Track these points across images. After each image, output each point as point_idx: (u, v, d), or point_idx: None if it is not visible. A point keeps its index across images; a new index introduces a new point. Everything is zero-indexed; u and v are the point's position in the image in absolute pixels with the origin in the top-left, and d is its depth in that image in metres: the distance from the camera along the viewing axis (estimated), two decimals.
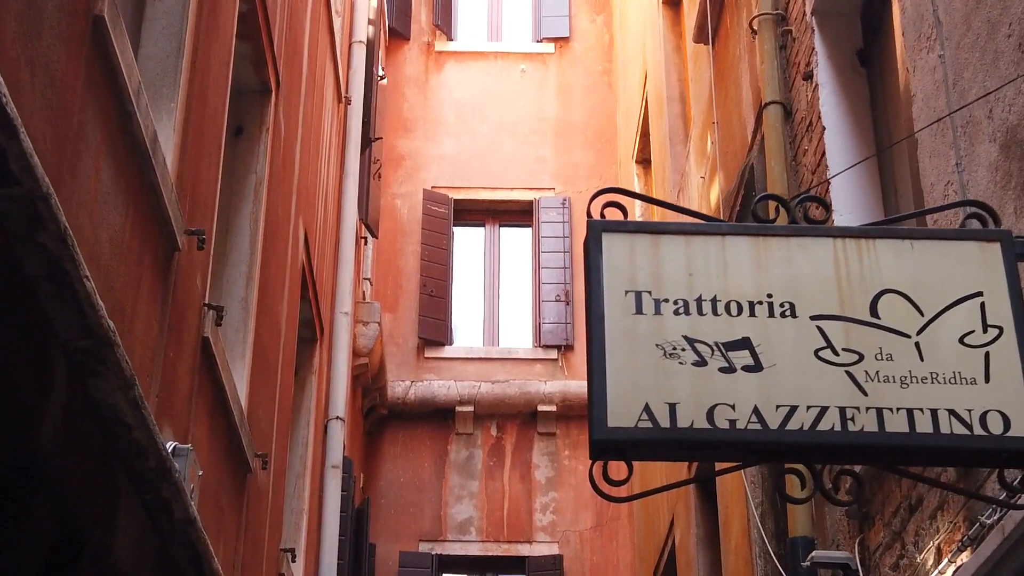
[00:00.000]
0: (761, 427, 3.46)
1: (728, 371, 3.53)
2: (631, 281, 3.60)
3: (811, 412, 3.49)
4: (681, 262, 3.64)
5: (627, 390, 3.44)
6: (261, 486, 7.71)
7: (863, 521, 6.04)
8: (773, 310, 3.62)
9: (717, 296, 3.63)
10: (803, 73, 7.09)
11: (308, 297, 9.83)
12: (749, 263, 3.66)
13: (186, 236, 5.52)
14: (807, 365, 3.56)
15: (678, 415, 3.43)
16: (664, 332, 3.56)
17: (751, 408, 3.48)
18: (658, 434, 3.42)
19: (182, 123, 5.54)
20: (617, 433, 3.40)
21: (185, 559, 5.22)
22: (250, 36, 7.53)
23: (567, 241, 15.87)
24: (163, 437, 4.80)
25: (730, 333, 3.58)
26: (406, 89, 16.76)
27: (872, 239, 3.73)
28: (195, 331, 5.87)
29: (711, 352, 3.54)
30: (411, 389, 14.99)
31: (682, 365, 3.52)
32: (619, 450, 3.44)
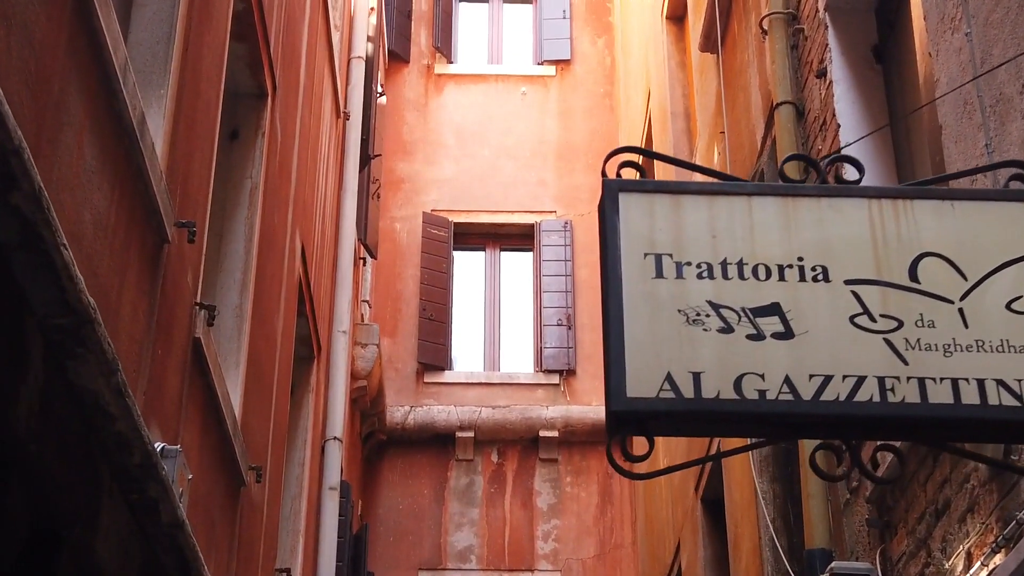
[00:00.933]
0: (793, 398, 3.20)
1: (756, 338, 3.27)
2: (650, 243, 3.36)
3: (847, 382, 3.23)
4: (704, 224, 3.39)
5: (647, 358, 3.19)
6: (255, 501, 7.43)
7: (884, 530, 5.77)
8: (804, 274, 3.37)
9: (743, 259, 3.38)
10: (816, 71, 6.87)
11: (305, 313, 9.58)
12: (777, 225, 3.42)
13: (176, 228, 5.28)
14: (842, 332, 3.31)
15: (703, 385, 3.18)
16: (687, 297, 3.31)
17: (782, 378, 3.22)
18: (681, 405, 3.16)
19: (173, 111, 5.31)
20: (637, 404, 3.15)
21: (173, 566, 4.95)
22: (246, 37, 7.31)
23: (569, 264, 15.63)
24: (151, 436, 4.54)
25: (758, 298, 3.33)
26: (406, 112, 16.56)
27: (910, 200, 3.49)
28: (186, 330, 5.61)
29: (738, 318, 3.29)
30: (410, 414, 14.71)
31: (706, 332, 3.27)
32: (639, 423, 3.18)
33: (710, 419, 3.25)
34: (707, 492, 10.14)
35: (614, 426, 3.20)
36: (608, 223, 3.38)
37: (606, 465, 14.79)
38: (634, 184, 3.48)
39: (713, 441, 8.07)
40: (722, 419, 3.25)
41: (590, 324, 15.33)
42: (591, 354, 15.18)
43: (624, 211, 3.38)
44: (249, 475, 7.03)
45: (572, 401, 14.97)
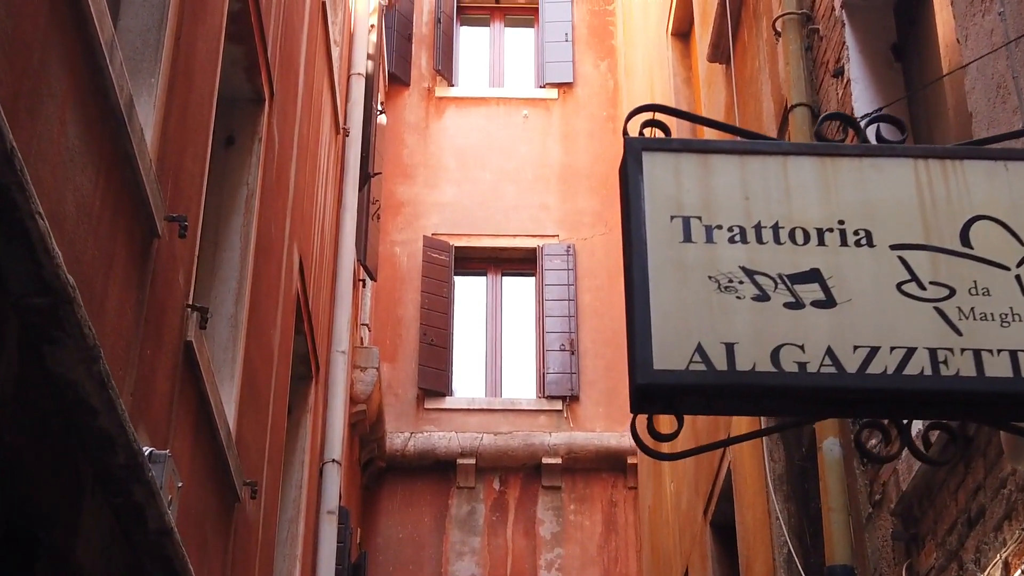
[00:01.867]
0: (836, 370, 2.93)
1: (795, 307, 3.01)
2: (677, 205, 3.10)
3: (896, 354, 2.96)
4: (736, 185, 3.13)
5: (676, 328, 2.92)
6: (250, 519, 7.15)
7: (911, 543, 5.48)
8: (846, 238, 3.11)
9: (779, 222, 3.12)
10: (832, 71, 6.63)
11: (303, 331, 9.31)
12: (816, 186, 3.15)
13: (167, 223, 5.02)
14: (889, 301, 3.04)
15: (737, 357, 2.91)
16: (718, 262, 3.05)
17: (823, 349, 2.95)
18: (713, 378, 2.89)
19: (164, 102, 5.06)
20: (665, 377, 2.88)
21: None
22: (242, 39, 7.08)
23: (572, 289, 15.37)
24: (139, 439, 4.26)
25: (796, 264, 3.06)
26: (406, 135, 16.33)
27: (959, 160, 3.22)
28: (177, 332, 5.35)
29: (774, 285, 3.03)
30: (410, 441, 14.41)
31: (740, 300, 3.00)
32: (667, 398, 2.91)
33: (745, 394, 2.97)
34: (716, 516, 9.85)
35: (639, 401, 2.93)
36: (631, 184, 3.12)
37: (611, 493, 14.49)
38: (658, 143, 3.21)
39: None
40: (758, 394, 2.97)
41: (593, 349, 15.07)
42: (594, 380, 14.92)
43: (648, 171, 3.12)
44: (244, 491, 6.75)
45: (575, 427, 14.68)
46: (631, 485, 14.44)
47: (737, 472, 8.86)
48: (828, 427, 6.19)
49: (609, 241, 15.64)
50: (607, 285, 15.42)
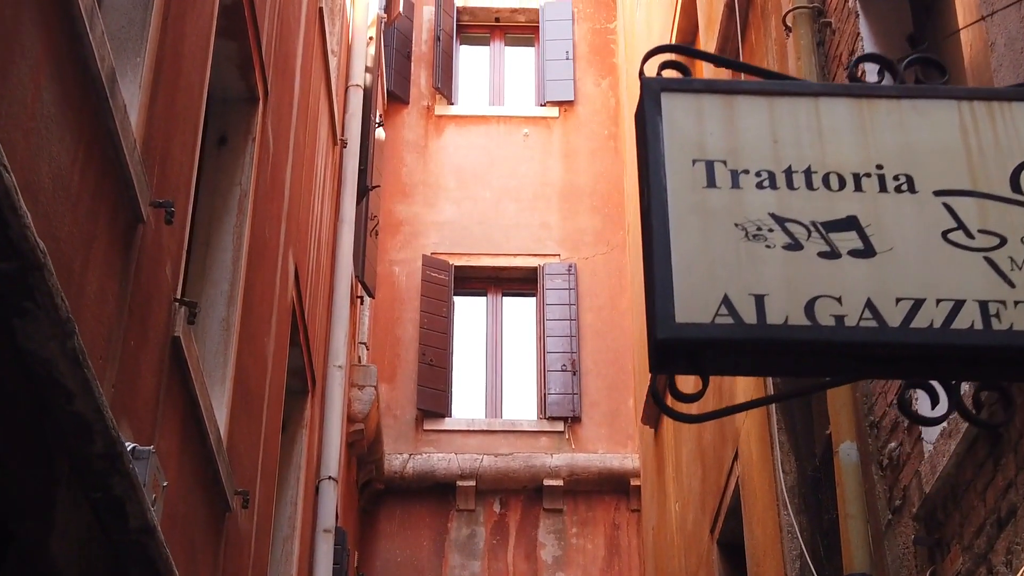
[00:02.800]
0: (877, 324, 2.68)
1: (830, 256, 2.76)
2: (700, 149, 2.85)
3: (943, 307, 2.71)
4: (764, 127, 2.88)
5: (700, 278, 2.67)
6: (243, 531, 6.87)
7: (935, 549, 5.21)
8: (885, 184, 2.86)
9: (812, 167, 2.87)
10: (846, 64, 6.40)
11: (299, 342, 9.05)
12: (851, 129, 2.91)
13: (152, 209, 4.78)
14: (934, 250, 2.79)
15: (767, 309, 2.66)
16: (745, 209, 2.80)
17: (863, 301, 2.70)
18: (742, 332, 2.64)
19: (150, 82, 4.83)
20: (688, 331, 2.62)
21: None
22: (235, 35, 6.86)
23: (573, 309, 15.11)
24: (120, 432, 4.00)
25: (831, 211, 2.81)
26: (405, 153, 16.11)
27: (1007, 102, 2.98)
28: (163, 326, 5.10)
29: (807, 233, 2.78)
30: (409, 462, 14.12)
31: (770, 249, 2.75)
32: (691, 354, 2.66)
33: (777, 349, 2.71)
34: (724, 535, 9.56)
35: (660, 359, 2.67)
36: (649, 126, 2.87)
37: (613, 515, 14.20)
38: (679, 83, 2.96)
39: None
40: (791, 349, 2.71)
41: (595, 370, 14.81)
42: (597, 400, 14.65)
43: (668, 113, 2.87)
44: (235, 500, 6.48)
45: (577, 449, 14.39)
46: (634, 507, 14.15)
47: (746, 486, 8.59)
48: (844, 431, 5.94)
49: (611, 260, 15.41)
50: (609, 305, 15.18)
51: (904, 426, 5.50)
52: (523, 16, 17.30)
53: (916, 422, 3.02)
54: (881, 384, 5.83)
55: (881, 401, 5.83)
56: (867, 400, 6.01)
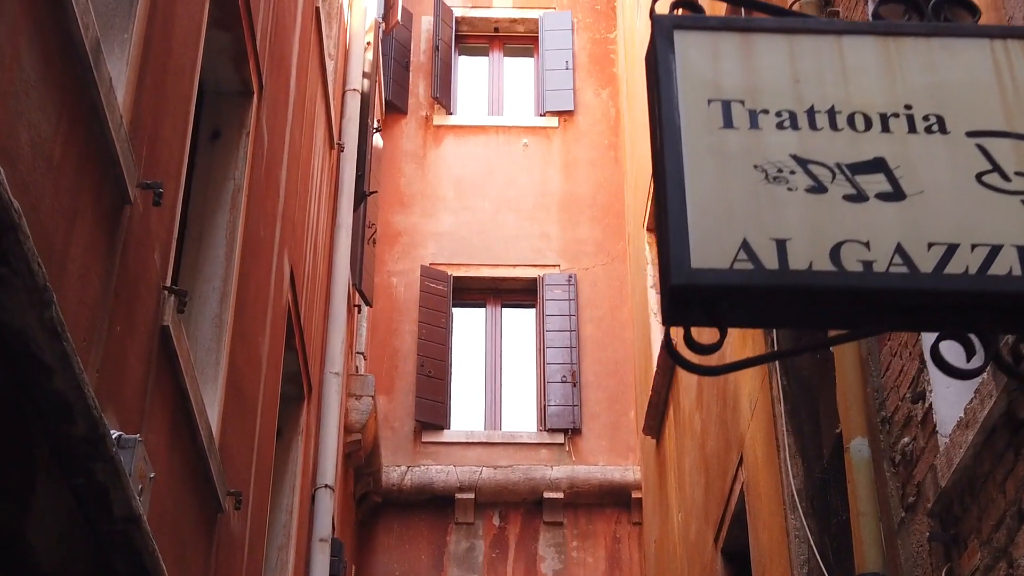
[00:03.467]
0: (908, 270, 2.51)
1: (857, 199, 2.58)
2: (716, 88, 2.68)
3: (978, 252, 2.54)
4: (784, 67, 2.71)
5: (717, 222, 2.50)
6: (235, 534, 6.68)
7: (950, 545, 5.02)
8: (914, 124, 2.69)
9: (836, 107, 2.70)
10: None
11: (295, 347, 8.87)
12: (877, 68, 2.74)
13: (140, 191, 4.61)
14: (967, 193, 2.62)
15: (790, 254, 2.48)
16: (765, 150, 2.62)
17: (893, 246, 2.53)
18: (762, 278, 2.46)
19: (139, 60, 4.66)
20: (705, 277, 2.45)
21: (128, 574, 4.20)
22: (229, 26, 6.70)
23: (573, 320, 14.93)
24: (105, 418, 3.82)
25: (857, 152, 2.64)
26: (403, 164, 15.95)
27: None
28: (151, 315, 4.92)
29: (831, 176, 2.61)
30: (407, 475, 13.92)
31: (792, 192, 2.58)
32: (707, 302, 2.48)
33: (800, 296, 2.53)
34: (728, 543, 9.37)
35: (674, 307, 2.49)
36: (661, 65, 2.69)
37: (614, 528, 14.00)
38: (693, 20, 2.79)
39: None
40: (816, 296, 2.54)
41: (596, 381, 14.63)
42: (597, 412, 14.46)
43: (681, 51, 2.70)
44: (228, 501, 6.30)
45: (578, 461, 14.19)
46: (636, 521, 13.95)
47: (751, 491, 8.40)
48: (855, 426, 5.77)
49: (611, 271, 15.25)
50: (610, 316, 15.01)
51: (918, 420, 5.32)
52: (522, 26, 17.17)
53: (951, 375, 2.83)
54: (893, 378, 5.65)
55: (893, 396, 5.66)
56: (878, 395, 5.83)
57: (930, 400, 5.21)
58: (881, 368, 5.80)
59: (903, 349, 5.51)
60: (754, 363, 2.87)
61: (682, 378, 11.18)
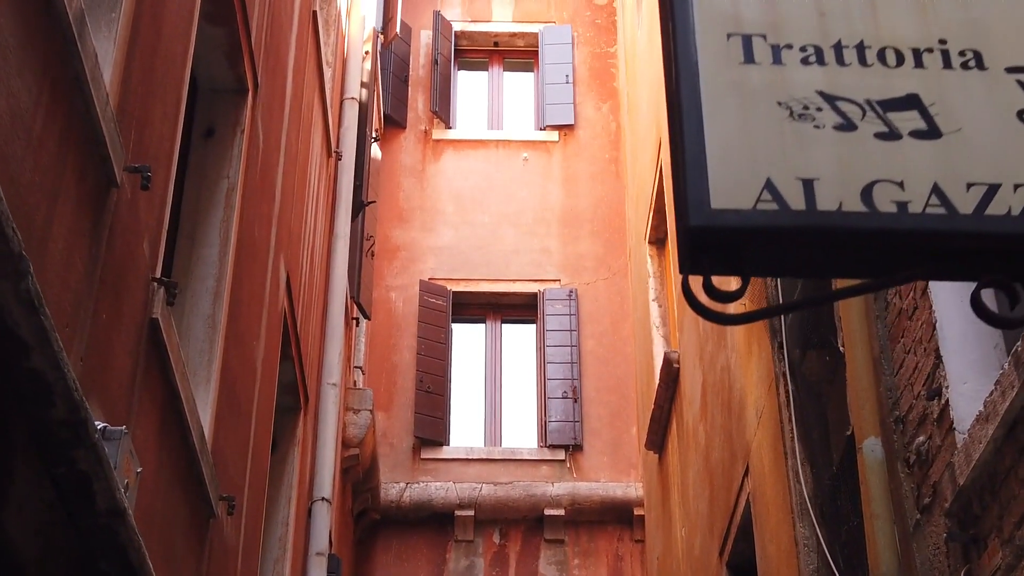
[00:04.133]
0: (946, 211, 2.33)
1: (889, 137, 2.41)
2: (735, 21, 2.50)
3: (1021, 193, 2.36)
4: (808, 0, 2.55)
5: (738, 161, 2.32)
6: (228, 542, 6.49)
7: (969, 545, 4.83)
8: (950, 60, 2.52)
9: (865, 41, 2.52)
10: None
11: (291, 355, 8.69)
12: (907, 1, 2.57)
13: (127, 175, 4.43)
14: (1008, 131, 2.44)
15: (818, 194, 2.31)
16: (789, 86, 2.45)
17: (928, 186, 2.35)
18: (789, 219, 2.29)
19: (127, 41, 4.49)
20: (726, 218, 2.27)
21: (113, 571, 4.01)
22: (223, 20, 6.55)
23: (574, 335, 14.74)
24: (91, 413, 3.63)
25: (888, 89, 2.47)
26: (402, 178, 15.79)
27: None
28: (140, 306, 4.74)
29: (861, 113, 2.43)
30: (406, 492, 13.71)
31: (819, 130, 2.40)
32: (728, 247, 2.30)
33: (829, 239, 2.35)
34: (733, 557, 9.17)
35: (692, 252, 2.31)
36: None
37: (616, 546, 13.79)
38: None
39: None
40: (846, 239, 2.35)
41: (597, 397, 14.43)
42: (598, 428, 14.27)
43: None
44: (220, 506, 6.11)
45: (579, 478, 13.98)
46: (638, 538, 13.74)
47: (758, 501, 8.21)
48: (868, 426, 5.59)
49: (612, 286, 15.08)
50: (611, 331, 14.83)
51: (933, 417, 5.14)
52: (522, 40, 17.04)
53: (994, 324, 2.64)
54: (907, 376, 5.47)
55: (907, 394, 5.47)
56: (891, 394, 5.65)
57: (946, 396, 5.03)
58: (894, 366, 5.62)
59: (917, 345, 5.33)
60: (780, 311, 2.69)
61: (685, 390, 11.00)
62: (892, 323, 5.65)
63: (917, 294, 5.31)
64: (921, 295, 5.27)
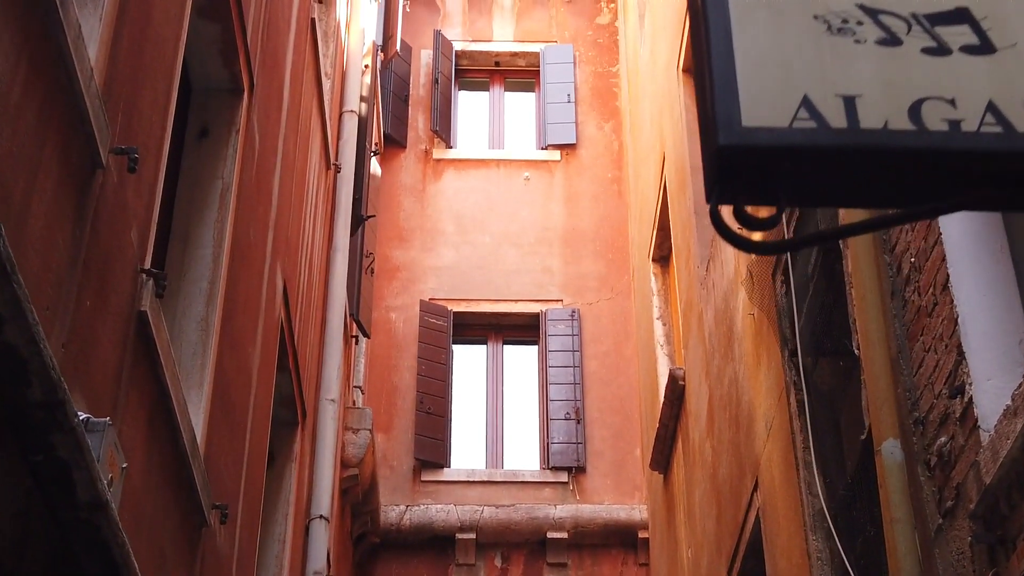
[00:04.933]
0: (1003, 130, 2.12)
1: (938, 53, 2.20)
2: None
3: None
4: None
5: (771, 77, 2.11)
6: (222, 551, 6.26)
7: (996, 547, 4.61)
8: None
9: None
10: None
11: (288, 367, 8.47)
12: None
13: (113, 157, 4.23)
14: None
15: (860, 112, 2.10)
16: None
17: (983, 104, 2.14)
18: (828, 137, 2.07)
19: (114, 19, 4.30)
20: (759, 136, 2.05)
21: (95, 573, 3.78)
22: (217, 16, 6.37)
23: (577, 355, 14.52)
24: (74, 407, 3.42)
25: (935, 2, 2.26)
26: (402, 198, 15.60)
27: None
28: (127, 297, 4.53)
29: (906, 27, 2.23)
30: (406, 514, 13.46)
31: (860, 44, 2.19)
32: (761, 170, 2.08)
33: (874, 160, 2.13)
34: (743, 574, 8.93)
35: (720, 175, 2.08)
36: None
37: (620, 570, 13.53)
38: None
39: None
40: (893, 160, 2.13)
41: (600, 419, 14.20)
42: (602, 450, 14.03)
43: None
44: (213, 515, 5.88)
45: (582, 500, 13.74)
46: (642, 562, 13.48)
47: (767, 516, 7.98)
48: (886, 428, 5.37)
49: (615, 306, 14.87)
50: (614, 351, 14.61)
51: (956, 416, 4.92)
52: (523, 60, 16.88)
53: None
54: (927, 375, 5.25)
55: (927, 394, 5.26)
56: (910, 395, 5.43)
57: (970, 393, 4.81)
58: (913, 365, 5.40)
59: (938, 342, 5.12)
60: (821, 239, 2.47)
61: (691, 407, 10.78)
62: (910, 321, 5.44)
63: (937, 290, 5.11)
64: (941, 290, 5.06)
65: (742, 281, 8.35)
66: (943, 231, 5.06)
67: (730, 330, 9.08)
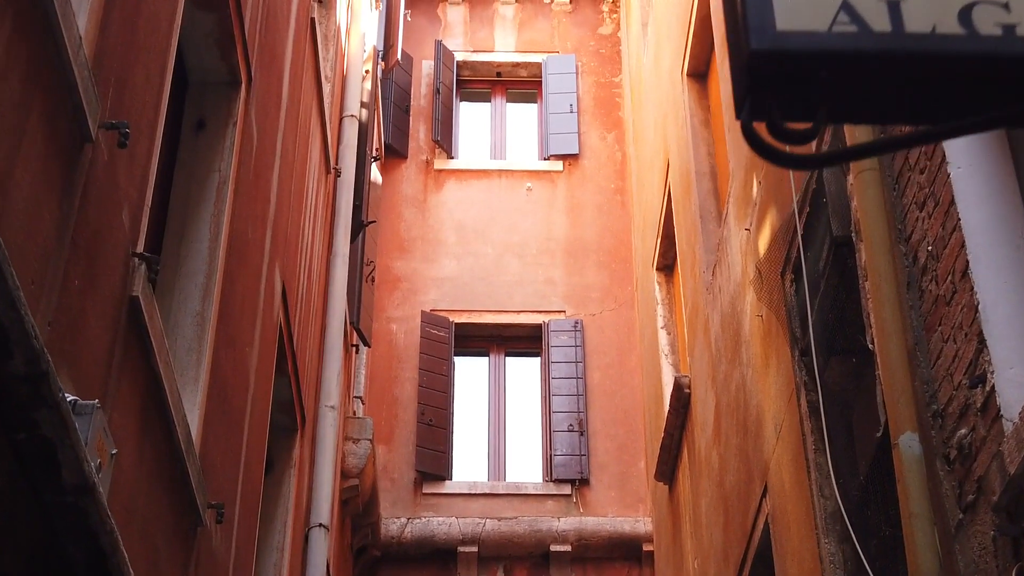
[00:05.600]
0: None
1: None
2: None
3: None
4: None
5: None
6: (218, 553, 6.08)
7: (1020, 539, 4.43)
8: None
9: None
10: None
11: (287, 371, 8.29)
12: None
13: (103, 132, 4.07)
14: None
15: (905, 15, 1.93)
16: None
17: None
18: (873, 42, 1.89)
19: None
20: (795, 41, 1.87)
21: (82, 559, 3.61)
22: (214, 6, 6.21)
23: (580, 367, 14.34)
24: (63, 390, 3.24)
25: None
26: (403, 208, 15.44)
27: None
28: (118, 281, 4.37)
29: None
30: (407, 527, 13.27)
31: None
32: (797, 78, 1.91)
33: (920, 66, 1.95)
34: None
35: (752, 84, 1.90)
36: None
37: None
38: None
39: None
40: (942, 66, 1.96)
41: (603, 430, 14.02)
42: (605, 462, 13.84)
43: None
44: (208, 515, 5.70)
45: (585, 513, 13.54)
46: (647, 575, 13.27)
47: (777, 521, 7.80)
48: (903, 421, 5.19)
49: (619, 316, 14.69)
50: (618, 362, 14.43)
51: (977, 407, 4.75)
52: (525, 70, 16.75)
53: None
54: (946, 366, 5.08)
55: (946, 385, 5.08)
56: (928, 387, 5.26)
57: (991, 383, 4.64)
58: (931, 357, 5.23)
59: (957, 332, 4.95)
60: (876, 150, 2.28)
61: (697, 415, 10.60)
62: (928, 312, 5.27)
63: (956, 277, 4.94)
64: (961, 277, 4.90)
65: (750, 281, 8.19)
66: (961, 217, 4.90)
67: (737, 334, 8.91)
